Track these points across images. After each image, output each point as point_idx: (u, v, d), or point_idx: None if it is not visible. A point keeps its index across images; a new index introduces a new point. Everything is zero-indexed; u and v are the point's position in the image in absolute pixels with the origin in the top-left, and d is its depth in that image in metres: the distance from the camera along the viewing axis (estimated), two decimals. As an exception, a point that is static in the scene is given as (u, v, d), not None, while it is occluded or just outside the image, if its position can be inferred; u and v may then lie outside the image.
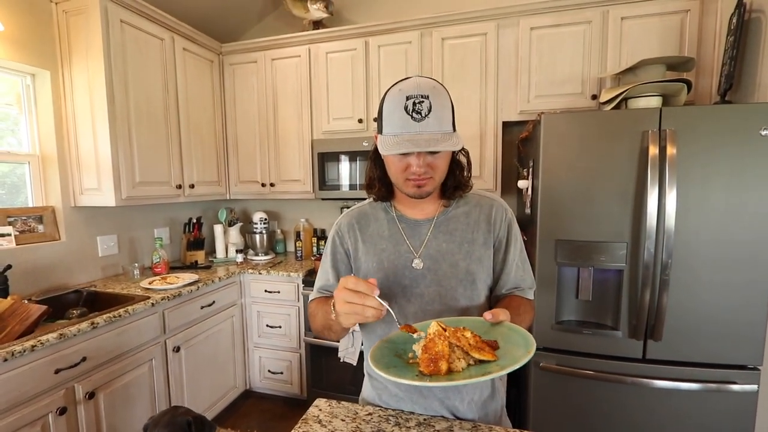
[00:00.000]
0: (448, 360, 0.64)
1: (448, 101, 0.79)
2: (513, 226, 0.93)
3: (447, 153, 0.82)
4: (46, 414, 1.35)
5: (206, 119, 2.51)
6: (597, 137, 1.54)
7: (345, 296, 0.70)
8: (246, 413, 2.40)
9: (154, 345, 1.81)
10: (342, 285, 0.71)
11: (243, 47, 2.56)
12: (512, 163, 2.36)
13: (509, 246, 0.91)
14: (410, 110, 0.75)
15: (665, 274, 1.47)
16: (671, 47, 1.87)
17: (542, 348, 1.67)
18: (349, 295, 0.69)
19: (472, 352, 0.65)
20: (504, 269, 0.92)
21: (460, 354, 0.66)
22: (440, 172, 0.84)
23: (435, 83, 0.79)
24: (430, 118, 0.75)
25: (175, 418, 1.15)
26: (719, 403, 1.49)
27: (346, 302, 0.70)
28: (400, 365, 0.69)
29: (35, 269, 1.85)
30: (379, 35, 2.28)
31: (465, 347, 0.65)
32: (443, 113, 0.77)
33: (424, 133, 0.75)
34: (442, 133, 0.76)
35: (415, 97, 0.75)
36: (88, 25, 1.85)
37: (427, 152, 0.79)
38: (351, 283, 0.70)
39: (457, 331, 0.68)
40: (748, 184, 1.41)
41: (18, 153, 1.90)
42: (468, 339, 0.66)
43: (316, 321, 0.90)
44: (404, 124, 0.76)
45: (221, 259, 2.68)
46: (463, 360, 0.65)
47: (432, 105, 0.75)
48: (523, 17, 2.03)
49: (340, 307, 0.71)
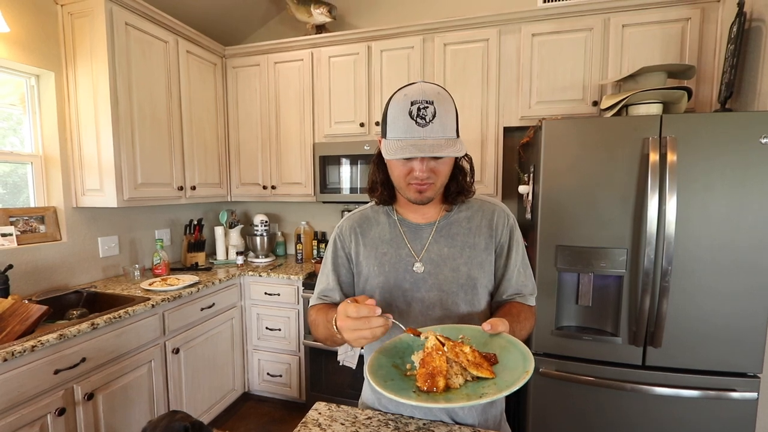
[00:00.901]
0: (446, 376, 0.64)
1: (453, 107, 0.80)
2: (515, 232, 0.93)
3: (450, 159, 0.83)
4: (45, 415, 1.35)
5: (209, 122, 2.52)
6: (598, 144, 1.55)
7: (350, 325, 0.69)
8: (244, 416, 2.39)
9: (153, 346, 1.81)
10: (343, 314, 0.71)
11: (246, 50, 2.58)
12: (513, 169, 2.36)
13: (511, 251, 0.92)
14: (415, 115, 0.76)
15: (665, 281, 1.48)
16: (672, 55, 1.88)
17: (542, 353, 1.67)
18: (354, 324, 0.69)
19: (470, 369, 0.65)
20: (505, 275, 0.92)
21: (458, 370, 0.66)
22: (442, 178, 0.84)
23: (440, 89, 0.79)
24: (434, 124, 0.75)
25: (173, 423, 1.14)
26: (719, 411, 1.48)
27: (353, 330, 0.70)
28: (398, 378, 0.69)
29: (36, 269, 1.85)
30: (381, 40, 2.30)
31: (463, 363, 0.65)
32: (447, 119, 0.77)
33: (429, 139, 0.75)
34: (446, 138, 0.76)
35: (419, 103, 0.76)
36: (93, 27, 1.86)
37: (431, 158, 0.79)
38: (352, 311, 0.69)
39: (456, 346, 0.67)
40: (748, 192, 1.42)
41: (21, 153, 1.90)
42: (466, 355, 0.66)
43: (318, 331, 0.89)
44: (408, 129, 0.76)
45: (222, 261, 2.68)
46: (461, 376, 0.65)
47: (437, 111, 0.76)
48: (525, 24, 2.05)
49: (349, 336, 0.71)
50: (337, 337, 0.78)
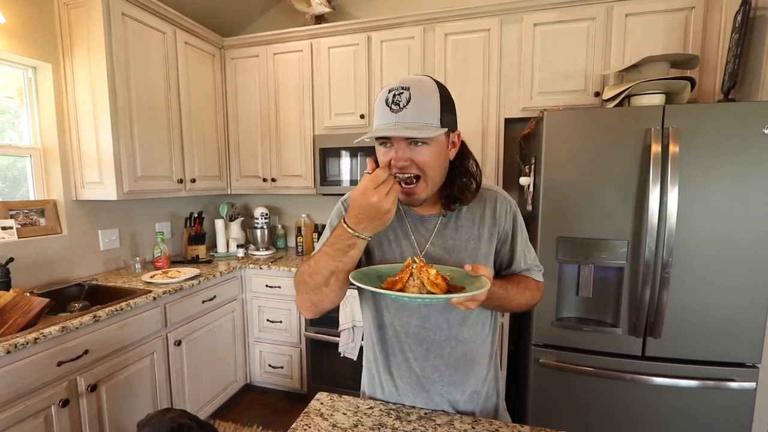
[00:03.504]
0: (404, 284, 0.73)
1: (435, 95, 0.76)
2: (518, 218, 0.92)
3: (432, 148, 0.77)
4: (49, 406, 1.36)
5: (208, 114, 2.51)
6: (599, 134, 1.54)
7: (375, 201, 0.70)
8: (246, 407, 2.42)
9: (155, 338, 1.82)
10: (360, 195, 0.71)
11: (245, 41, 2.55)
12: (514, 160, 2.35)
13: (516, 238, 0.92)
14: (390, 102, 0.75)
15: (666, 272, 1.48)
16: (675, 44, 1.86)
17: (542, 344, 1.68)
18: (380, 190, 0.70)
19: (426, 285, 0.71)
20: (513, 260, 0.92)
21: (418, 283, 0.72)
22: (429, 171, 0.78)
23: (424, 78, 0.77)
24: (407, 109, 0.73)
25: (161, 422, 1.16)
26: (717, 400, 1.50)
27: (384, 198, 0.70)
28: (373, 279, 0.78)
29: (37, 262, 1.85)
30: (381, 30, 2.27)
31: (423, 280, 0.71)
32: (424, 105, 0.74)
33: (400, 124, 0.74)
34: (422, 124, 0.74)
35: (395, 90, 0.75)
36: (90, 17, 1.84)
37: (407, 144, 0.76)
38: (370, 183, 0.71)
39: (424, 266, 0.73)
40: (750, 183, 1.41)
41: (19, 146, 1.89)
42: (429, 275, 0.71)
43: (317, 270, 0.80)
44: (383, 116, 0.76)
45: (222, 254, 2.69)
46: (417, 289, 0.72)
47: (412, 96, 0.73)
48: (527, 13, 2.02)
49: (382, 206, 0.70)
50: (351, 252, 0.76)
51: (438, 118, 0.75)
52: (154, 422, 1.16)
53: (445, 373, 0.88)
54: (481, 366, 0.91)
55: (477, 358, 0.90)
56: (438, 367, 0.88)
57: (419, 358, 0.88)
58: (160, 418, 1.17)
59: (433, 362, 0.88)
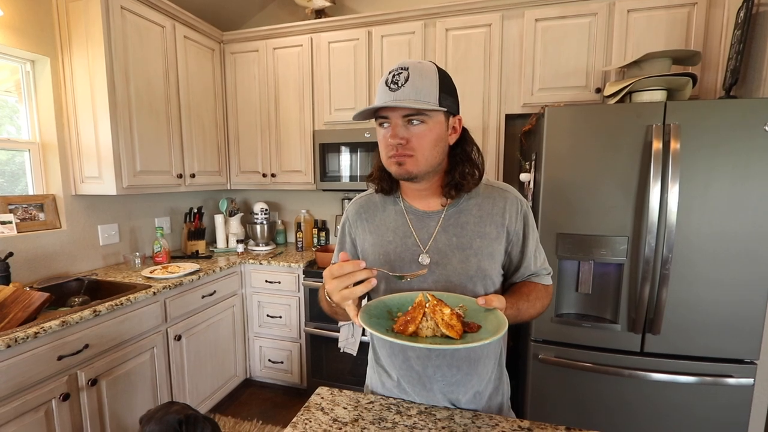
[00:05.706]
0: (417, 325, 0.70)
1: (433, 75, 0.77)
2: (529, 218, 0.90)
3: (428, 129, 0.78)
4: (50, 400, 1.36)
5: (207, 108, 2.50)
6: (600, 131, 1.53)
7: (335, 285, 0.69)
8: (246, 402, 2.42)
9: (155, 333, 1.82)
10: (329, 276, 0.71)
11: (244, 36, 2.54)
12: (515, 156, 2.35)
13: (527, 239, 0.89)
14: (389, 82, 0.76)
15: (665, 269, 1.48)
16: (677, 41, 1.85)
17: (541, 340, 1.69)
18: (339, 282, 0.69)
19: (441, 326, 0.69)
20: (523, 262, 0.90)
21: (432, 325, 0.70)
22: (424, 151, 0.78)
23: (424, 61, 0.79)
24: (405, 87, 0.75)
25: (167, 415, 1.15)
26: (715, 396, 1.50)
27: (338, 291, 0.70)
28: (383, 319, 0.75)
29: (36, 257, 1.85)
30: (382, 25, 2.26)
31: (437, 321, 0.69)
32: (422, 83, 0.75)
33: (397, 101, 0.75)
34: (417, 100, 0.75)
35: (395, 71, 0.77)
36: (88, 11, 1.82)
37: (404, 123, 0.77)
38: (336, 270, 0.70)
39: (438, 305, 0.71)
40: (750, 180, 1.41)
41: (18, 140, 1.88)
42: (443, 315, 0.69)
43: (323, 305, 0.88)
44: (381, 96, 0.78)
45: (222, 249, 2.69)
46: (431, 330, 0.70)
47: (410, 76, 0.75)
48: (528, 9, 2.01)
49: (337, 297, 0.71)
50: (332, 305, 0.79)
51: (436, 97, 0.76)
52: (159, 416, 1.15)
53: (447, 372, 0.87)
54: (486, 367, 0.89)
55: (481, 359, 0.88)
56: (440, 367, 0.86)
57: (421, 357, 0.87)
58: (165, 412, 1.17)
59: (435, 362, 0.86)
